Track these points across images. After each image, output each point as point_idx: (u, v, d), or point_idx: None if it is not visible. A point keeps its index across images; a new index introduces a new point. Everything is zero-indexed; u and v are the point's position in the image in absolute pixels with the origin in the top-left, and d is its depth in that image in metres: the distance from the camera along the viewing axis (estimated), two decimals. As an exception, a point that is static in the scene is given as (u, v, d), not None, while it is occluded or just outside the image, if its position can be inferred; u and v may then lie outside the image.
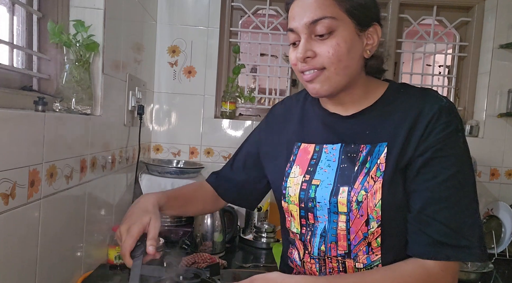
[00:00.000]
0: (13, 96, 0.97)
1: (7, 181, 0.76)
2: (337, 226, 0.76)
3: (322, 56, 0.72)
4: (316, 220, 0.79)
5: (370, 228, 0.74)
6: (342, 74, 0.74)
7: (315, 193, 0.78)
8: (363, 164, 0.75)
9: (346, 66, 0.73)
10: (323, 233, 0.78)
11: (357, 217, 0.74)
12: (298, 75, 0.78)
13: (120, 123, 1.42)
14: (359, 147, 0.77)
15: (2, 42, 0.98)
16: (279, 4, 2.01)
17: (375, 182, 0.73)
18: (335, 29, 0.71)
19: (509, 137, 1.90)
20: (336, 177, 0.77)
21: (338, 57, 0.72)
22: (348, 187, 0.75)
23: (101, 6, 1.19)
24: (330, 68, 0.73)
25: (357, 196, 0.73)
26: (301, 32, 0.73)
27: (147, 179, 1.63)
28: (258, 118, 2.04)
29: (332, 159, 0.79)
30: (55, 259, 0.99)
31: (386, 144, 0.74)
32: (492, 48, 1.88)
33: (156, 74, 1.91)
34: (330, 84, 0.74)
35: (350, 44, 0.72)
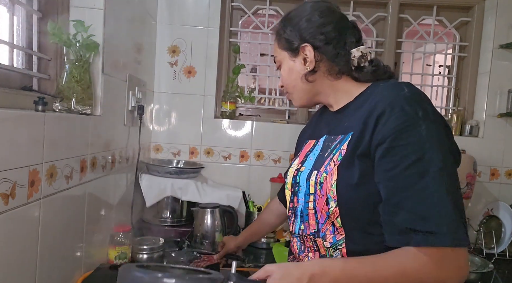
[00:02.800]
0: (13, 96, 0.97)
1: (7, 181, 0.76)
2: (308, 206, 0.85)
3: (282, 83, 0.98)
4: (298, 203, 0.89)
5: (330, 207, 0.80)
6: (297, 92, 0.94)
7: (299, 178, 0.89)
8: (332, 151, 0.84)
9: (294, 86, 0.94)
10: (301, 213, 0.88)
11: (320, 196, 0.82)
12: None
13: (120, 123, 1.42)
14: (336, 137, 0.87)
15: (2, 42, 0.98)
16: (279, 4, 2.01)
17: (335, 165, 0.80)
18: (281, 62, 0.96)
19: (509, 137, 1.90)
20: (313, 163, 0.88)
21: (286, 82, 0.96)
22: (317, 170, 0.84)
23: (101, 6, 1.19)
24: (288, 90, 0.97)
25: (320, 177, 0.82)
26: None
27: (147, 179, 1.63)
28: (258, 118, 2.04)
29: (318, 148, 0.91)
30: (55, 259, 0.99)
31: (352, 133, 0.81)
32: (492, 48, 1.88)
33: (156, 74, 1.91)
34: (298, 100, 0.96)
35: (290, 70, 0.93)
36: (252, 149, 1.94)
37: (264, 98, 2.11)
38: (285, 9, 1.99)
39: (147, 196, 1.60)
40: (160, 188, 1.62)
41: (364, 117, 0.78)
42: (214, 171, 1.92)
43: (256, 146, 1.93)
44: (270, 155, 1.93)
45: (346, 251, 0.79)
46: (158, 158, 1.92)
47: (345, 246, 0.80)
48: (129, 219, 1.52)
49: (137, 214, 1.65)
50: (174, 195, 1.62)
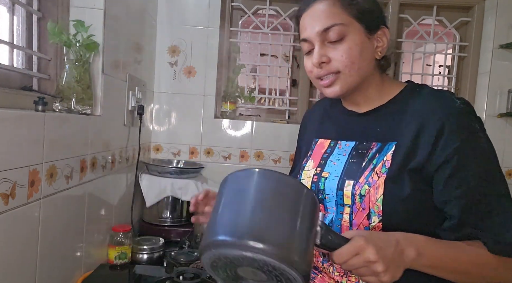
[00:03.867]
0: (13, 96, 0.97)
1: (7, 181, 0.76)
2: (342, 218, 0.79)
3: (336, 61, 0.77)
4: (326, 211, 0.83)
5: (371, 222, 0.75)
6: (356, 76, 0.78)
7: (324, 185, 0.82)
8: (371, 160, 0.78)
9: (359, 68, 0.78)
10: (330, 223, 0.81)
11: (360, 210, 0.76)
12: (315, 81, 0.83)
13: (120, 123, 1.42)
14: (370, 144, 0.81)
15: (2, 42, 0.98)
16: (279, 4, 2.01)
17: (379, 177, 0.75)
18: (346, 34, 0.76)
19: (509, 137, 1.90)
20: (343, 170, 0.81)
21: (351, 60, 0.76)
22: (354, 180, 0.78)
23: (101, 6, 1.19)
24: (344, 71, 0.77)
25: (361, 189, 0.76)
26: (314, 40, 0.78)
27: (147, 179, 1.63)
28: (258, 118, 2.04)
29: (342, 153, 0.84)
30: (55, 259, 0.99)
31: (396, 143, 0.77)
32: (492, 48, 1.88)
33: (156, 74, 1.91)
34: (346, 86, 0.79)
35: (361, 47, 0.77)
36: (252, 149, 1.94)
37: (264, 98, 2.10)
38: (285, 9, 1.99)
39: (147, 196, 1.60)
40: (160, 188, 1.62)
41: (413, 130, 0.75)
42: (214, 171, 1.92)
43: (256, 146, 1.93)
44: (270, 155, 1.93)
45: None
46: (158, 158, 1.91)
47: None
48: (129, 219, 1.52)
49: (137, 214, 1.65)
50: (174, 195, 1.62)
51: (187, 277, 1.09)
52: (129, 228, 1.33)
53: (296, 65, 2.08)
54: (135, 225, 1.61)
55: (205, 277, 1.09)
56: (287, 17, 2.00)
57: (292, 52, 2.05)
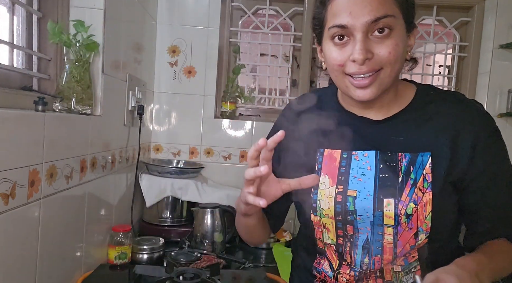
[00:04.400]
0: (13, 96, 0.97)
1: (7, 181, 0.76)
2: (383, 239, 0.73)
3: (381, 57, 0.66)
4: (356, 231, 0.75)
5: (418, 241, 0.72)
6: (394, 76, 0.70)
7: (354, 206, 0.73)
8: (407, 175, 0.71)
9: (398, 68, 0.70)
10: (366, 244, 0.74)
11: (406, 230, 0.71)
12: (342, 78, 0.71)
13: (120, 123, 1.42)
14: (396, 155, 0.73)
15: (2, 42, 0.98)
16: (279, 4, 2.01)
17: (423, 193, 0.70)
18: (394, 28, 0.66)
19: (509, 137, 1.88)
20: (376, 188, 0.73)
21: (396, 57, 0.67)
22: (394, 199, 0.71)
23: (101, 6, 1.19)
24: (386, 69, 0.68)
25: (406, 208, 0.70)
26: (358, 30, 0.65)
27: (147, 179, 1.63)
28: (258, 118, 2.04)
29: (365, 166, 0.74)
30: (55, 259, 0.99)
31: (430, 153, 0.71)
32: (492, 48, 1.88)
33: (156, 74, 1.91)
34: (382, 87, 0.70)
35: (404, 45, 0.69)
36: (252, 149, 1.93)
37: (264, 98, 2.10)
38: (285, 9, 1.99)
39: (147, 196, 1.60)
40: (160, 188, 1.62)
41: (448, 140, 0.71)
42: (214, 171, 1.92)
43: (256, 146, 1.93)
44: (270, 155, 1.93)
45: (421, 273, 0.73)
46: (158, 158, 1.91)
47: (420, 268, 0.74)
48: (129, 219, 1.52)
49: (137, 214, 1.65)
50: (174, 195, 1.62)
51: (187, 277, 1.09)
52: (129, 228, 1.33)
53: (296, 65, 2.08)
54: (135, 225, 1.61)
55: (205, 277, 1.09)
56: (287, 17, 2.00)
57: (292, 52, 2.05)
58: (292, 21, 2.03)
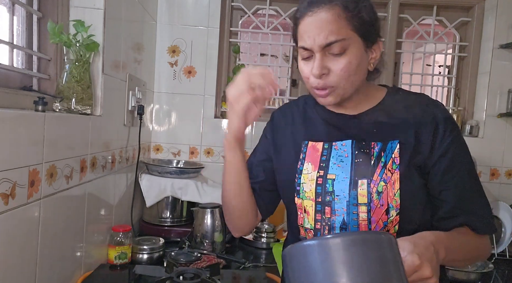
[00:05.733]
0: (13, 96, 0.97)
1: (7, 181, 0.76)
2: (358, 217, 0.81)
3: (335, 74, 0.78)
4: (333, 214, 0.83)
5: (389, 217, 0.80)
6: (349, 88, 0.81)
7: (332, 187, 0.83)
8: (379, 159, 0.82)
9: (354, 81, 0.80)
10: (343, 225, 0.82)
11: (378, 206, 0.80)
12: (308, 86, 0.84)
13: (120, 123, 1.42)
14: (369, 143, 0.84)
15: (2, 42, 0.98)
16: (279, 4, 2.01)
17: (392, 173, 0.80)
18: (347, 48, 0.77)
19: (509, 137, 1.90)
20: (352, 171, 0.83)
21: (349, 73, 0.78)
22: (367, 179, 0.81)
23: (101, 6, 1.19)
24: (340, 85, 0.79)
25: (377, 187, 0.80)
26: (316, 51, 0.78)
27: (147, 179, 1.63)
28: (258, 118, 2.03)
29: (343, 154, 0.85)
30: (55, 259, 0.99)
31: (398, 141, 0.82)
32: (492, 48, 1.88)
33: (156, 74, 1.91)
34: (339, 97, 0.82)
35: (359, 61, 0.79)
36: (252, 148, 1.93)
37: (264, 98, 2.10)
38: (285, 9, 1.99)
39: (147, 196, 1.60)
40: (160, 188, 1.62)
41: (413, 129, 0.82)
42: (214, 171, 1.92)
43: (256, 146, 1.93)
44: (270, 155, 1.93)
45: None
46: (158, 158, 1.91)
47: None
48: (129, 219, 1.52)
49: (137, 214, 1.65)
50: (174, 195, 1.62)
51: (187, 277, 1.09)
52: (129, 228, 1.33)
53: (296, 65, 2.07)
54: (135, 225, 1.61)
55: (205, 277, 1.09)
56: (287, 17, 2.00)
57: (292, 52, 2.06)
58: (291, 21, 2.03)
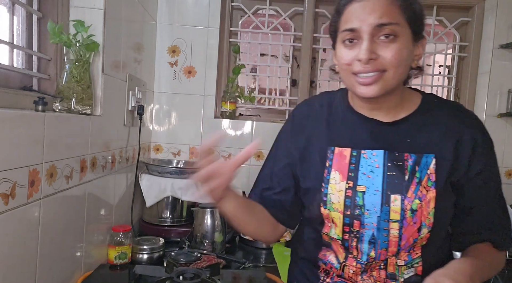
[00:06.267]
0: (13, 96, 0.97)
1: (7, 181, 0.76)
2: (389, 233, 0.79)
3: (385, 59, 0.73)
4: (362, 227, 0.80)
5: (420, 234, 0.78)
6: (397, 79, 0.76)
7: (363, 200, 0.79)
8: (413, 173, 0.78)
9: (402, 72, 0.76)
10: (372, 239, 0.80)
11: (410, 224, 0.77)
12: (349, 76, 0.78)
13: (120, 123, 1.42)
14: (403, 155, 0.79)
15: (2, 42, 0.98)
16: (279, 4, 2.01)
17: (427, 191, 0.77)
18: (399, 35, 0.73)
19: (509, 137, 1.90)
20: (384, 184, 0.79)
21: (399, 61, 0.74)
22: (401, 195, 0.78)
23: (101, 6, 1.19)
24: (389, 71, 0.74)
25: (411, 204, 0.77)
26: (365, 32, 0.73)
27: (147, 179, 1.63)
28: (258, 118, 2.04)
29: (374, 164, 0.80)
30: (55, 259, 0.99)
31: (434, 155, 0.79)
32: (492, 48, 1.88)
33: (156, 74, 1.91)
34: (385, 87, 0.76)
35: (408, 52, 0.76)
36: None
37: (264, 98, 2.11)
38: (285, 9, 1.99)
39: (147, 196, 1.60)
40: (160, 188, 1.62)
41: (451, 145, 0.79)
42: (214, 171, 1.91)
43: (256, 146, 1.93)
44: (270, 155, 1.93)
45: (422, 268, 0.81)
46: (158, 158, 1.91)
47: (422, 264, 0.81)
48: (129, 219, 1.52)
49: (137, 214, 1.65)
50: (174, 195, 1.62)
51: (187, 277, 1.09)
52: (129, 228, 1.33)
53: (296, 65, 2.08)
54: (135, 225, 1.61)
55: (205, 277, 1.09)
56: (287, 17, 2.01)
57: (292, 52, 2.05)
58: (292, 21, 2.03)
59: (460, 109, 0.85)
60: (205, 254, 1.38)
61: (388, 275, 0.82)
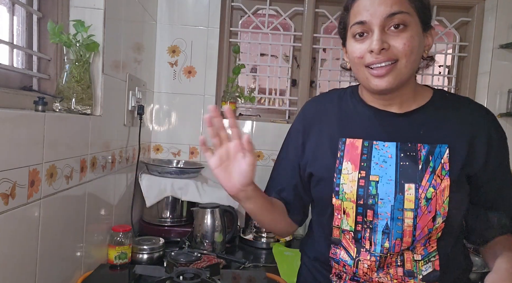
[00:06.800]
0: (13, 96, 0.97)
1: (7, 181, 0.76)
2: (403, 223, 0.78)
3: (397, 48, 0.74)
4: (375, 217, 0.79)
5: (435, 224, 0.77)
6: (410, 68, 0.76)
7: (376, 190, 0.79)
8: (427, 163, 0.78)
9: (414, 60, 0.76)
10: (386, 229, 0.79)
11: (425, 213, 0.77)
12: (362, 70, 0.78)
13: (120, 123, 1.42)
14: (415, 145, 0.80)
15: (2, 42, 0.98)
16: (279, 4, 2.01)
17: (441, 180, 0.77)
18: (408, 24, 0.74)
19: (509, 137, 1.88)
20: (397, 174, 0.79)
21: (411, 49, 0.74)
22: (415, 184, 0.77)
23: (101, 6, 1.19)
24: (402, 61, 0.75)
25: (426, 193, 0.77)
26: (375, 24, 0.74)
27: (147, 179, 1.63)
28: (258, 118, 2.04)
29: (386, 155, 0.80)
30: (55, 259, 0.99)
31: (447, 145, 0.79)
32: (492, 48, 1.88)
33: (156, 74, 1.91)
34: (399, 77, 0.76)
35: (419, 40, 0.76)
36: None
37: (264, 98, 2.11)
38: (285, 9, 1.99)
39: (147, 196, 1.60)
40: (160, 188, 1.62)
41: (466, 137, 0.80)
42: (214, 171, 1.91)
43: (256, 145, 1.93)
44: (270, 155, 1.93)
45: (439, 262, 0.81)
46: (158, 158, 1.91)
47: (438, 257, 0.81)
48: (129, 219, 1.52)
49: (137, 214, 1.65)
50: (174, 195, 1.62)
51: (187, 277, 1.09)
52: (129, 228, 1.33)
53: (296, 65, 2.08)
54: (135, 225, 1.61)
55: (205, 277, 1.09)
56: (287, 17, 2.01)
57: (292, 52, 2.05)
58: (292, 21, 2.03)
59: (473, 104, 0.85)
60: (205, 254, 1.38)
61: (406, 272, 0.80)
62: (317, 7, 2.00)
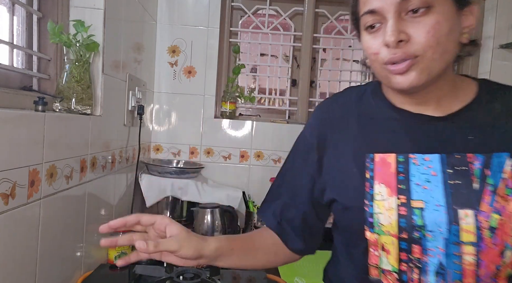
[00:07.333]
0: (13, 96, 0.97)
1: (7, 181, 0.76)
2: (461, 261, 0.61)
3: (418, 39, 0.58)
4: (424, 254, 0.62)
5: (504, 259, 0.61)
6: (440, 60, 0.59)
7: (422, 220, 0.61)
8: (483, 180, 0.61)
9: (444, 51, 0.59)
10: (440, 270, 0.62)
11: (490, 246, 0.60)
12: (380, 67, 0.63)
13: (120, 123, 1.42)
14: (465, 157, 0.62)
15: (2, 42, 0.98)
16: (279, 4, 2.01)
17: (506, 201, 0.60)
18: (433, 4, 0.57)
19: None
20: (447, 197, 0.62)
21: (438, 39, 0.57)
22: (473, 210, 0.60)
23: (101, 6, 1.19)
24: (426, 54, 0.58)
25: (489, 220, 0.60)
26: (388, 11, 0.58)
27: (147, 179, 1.63)
28: (258, 118, 2.04)
29: (428, 172, 0.63)
30: (55, 259, 0.99)
31: (509, 154, 0.62)
32: (492, 48, 1.88)
33: (156, 74, 1.91)
34: (427, 72, 0.59)
35: (451, 25, 0.59)
36: (252, 148, 1.94)
37: (264, 98, 2.11)
38: (285, 9, 1.99)
39: (147, 196, 1.60)
40: (160, 188, 1.62)
41: None
42: (214, 171, 1.92)
43: (256, 145, 1.93)
44: (270, 155, 1.93)
45: None
46: (158, 158, 1.92)
47: None
48: (129, 219, 1.52)
49: (137, 214, 1.65)
50: (174, 195, 1.62)
51: (187, 277, 1.09)
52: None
53: (296, 65, 2.08)
54: (135, 225, 1.61)
55: (205, 277, 1.09)
56: (287, 17, 2.01)
57: (292, 52, 2.06)
58: (292, 21, 2.03)
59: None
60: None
61: None
62: (317, 7, 2.00)
